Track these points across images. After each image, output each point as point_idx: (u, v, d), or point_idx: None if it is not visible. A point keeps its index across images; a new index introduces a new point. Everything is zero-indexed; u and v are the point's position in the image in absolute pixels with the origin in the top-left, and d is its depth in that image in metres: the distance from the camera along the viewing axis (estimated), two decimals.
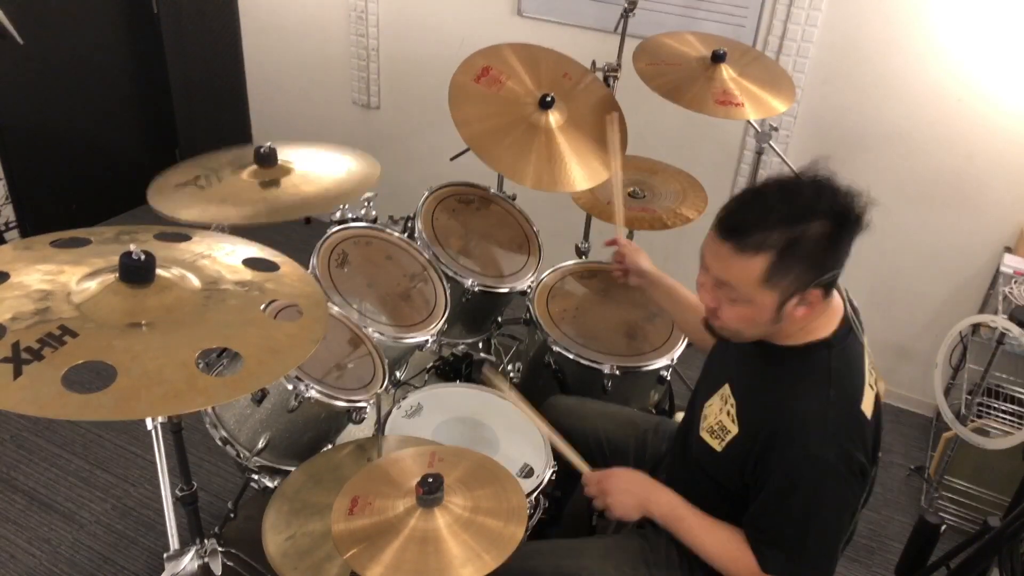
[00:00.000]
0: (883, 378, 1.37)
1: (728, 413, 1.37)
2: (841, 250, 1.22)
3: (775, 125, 2.37)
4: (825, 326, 1.30)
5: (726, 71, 2.16)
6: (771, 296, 1.22)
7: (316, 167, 1.79)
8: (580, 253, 2.61)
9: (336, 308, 1.78)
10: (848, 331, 1.31)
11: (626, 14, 2.34)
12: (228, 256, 1.31)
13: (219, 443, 1.73)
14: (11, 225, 3.32)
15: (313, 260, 1.83)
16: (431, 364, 2.28)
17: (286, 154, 1.78)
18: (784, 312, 1.24)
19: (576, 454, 1.59)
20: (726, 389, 1.40)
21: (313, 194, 1.69)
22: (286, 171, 1.74)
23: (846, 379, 1.28)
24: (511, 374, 2.23)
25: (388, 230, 2.04)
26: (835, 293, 1.32)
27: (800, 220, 1.18)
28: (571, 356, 1.94)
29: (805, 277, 1.21)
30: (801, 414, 1.25)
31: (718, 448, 1.37)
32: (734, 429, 1.34)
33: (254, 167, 1.72)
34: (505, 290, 2.11)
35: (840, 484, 1.24)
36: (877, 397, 1.33)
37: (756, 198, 1.25)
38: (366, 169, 1.82)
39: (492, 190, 2.32)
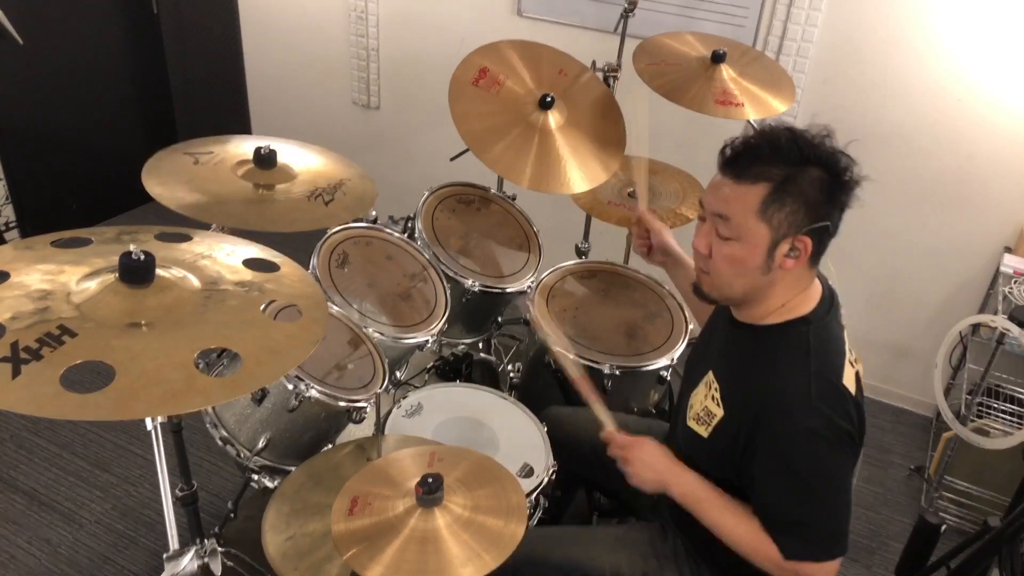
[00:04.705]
0: (860, 359, 1.40)
1: (712, 398, 1.37)
2: (834, 203, 1.25)
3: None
4: (804, 304, 1.32)
5: (726, 71, 2.16)
6: (764, 231, 1.24)
7: (310, 191, 1.69)
8: (580, 253, 2.61)
9: (336, 308, 1.78)
10: (827, 311, 1.33)
11: (626, 14, 2.34)
12: (228, 256, 1.31)
13: (219, 443, 1.73)
14: (11, 225, 3.32)
15: (313, 260, 1.83)
16: (431, 364, 2.27)
17: (289, 157, 1.74)
18: (775, 258, 1.25)
19: (603, 407, 1.54)
20: (710, 375, 1.41)
21: (300, 214, 1.62)
22: (284, 178, 1.69)
23: (826, 355, 1.29)
24: (511, 374, 2.23)
25: (388, 230, 2.04)
26: (816, 276, 1.35)
27: (798, 162, 1.22)
28: (571, 356, 1.94)
29: (797, 217, 1.23)
30: (784, 389, 1.27)
31: (704, 435, 1.37)
32: (719, 412, 1.35)
33: (251, 167, 1.68)
34: (506, 290, 2.11)
35: (832, 451, 1.25)
36: (858, 376, 1.35)
37: (759, 138, 1.27)
38: (362, 191, 1.75)
39: (492, 190, 2.32)
